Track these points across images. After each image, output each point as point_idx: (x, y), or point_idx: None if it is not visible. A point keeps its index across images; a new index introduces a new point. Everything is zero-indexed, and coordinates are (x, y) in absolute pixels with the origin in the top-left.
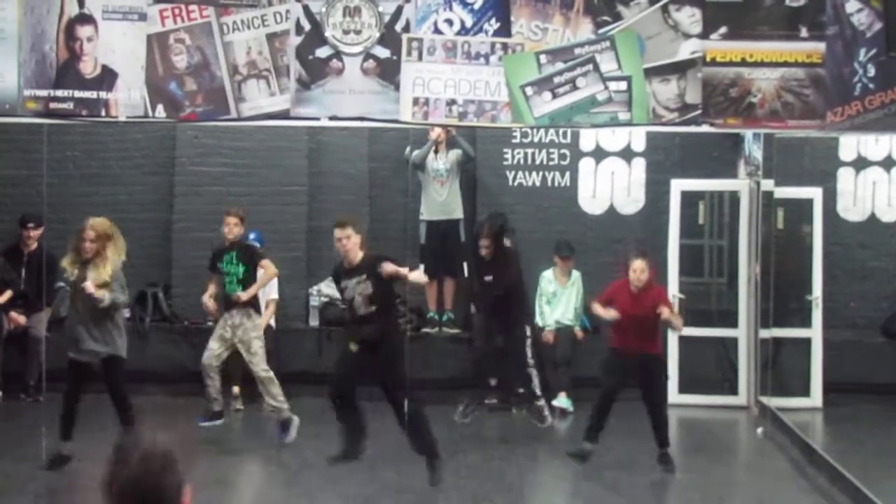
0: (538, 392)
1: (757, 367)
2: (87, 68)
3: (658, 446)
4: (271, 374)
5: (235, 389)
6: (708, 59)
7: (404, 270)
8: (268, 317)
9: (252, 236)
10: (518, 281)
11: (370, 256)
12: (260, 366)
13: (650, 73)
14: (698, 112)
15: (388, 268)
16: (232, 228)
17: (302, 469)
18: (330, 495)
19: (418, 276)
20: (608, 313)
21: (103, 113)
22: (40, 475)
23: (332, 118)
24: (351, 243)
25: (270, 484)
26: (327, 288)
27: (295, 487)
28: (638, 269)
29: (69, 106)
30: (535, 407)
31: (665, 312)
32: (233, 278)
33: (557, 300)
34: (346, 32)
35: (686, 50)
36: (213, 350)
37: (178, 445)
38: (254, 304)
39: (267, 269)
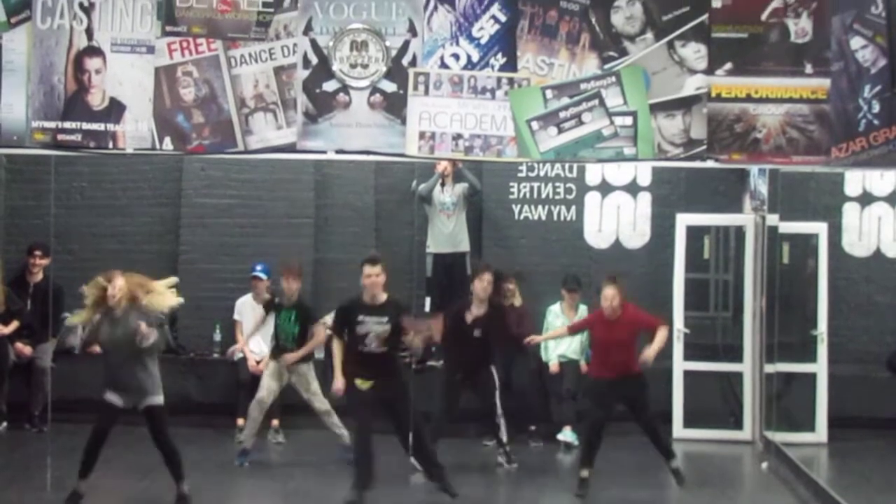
0: (504, 440)
1: (762, 402)
2: (95, 100)
3: (666, 460)
4: (328, 405)
5: (275, 423)
6: (713, 94)
7: (429, 330)
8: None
9: (259, 268)
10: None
11: (394, 300)
12: (321, 401)
13: (655, 108)
14: (703, 147)
15: (413, 325)
16: (292, 285)
17: None
18: None
19: (437, 334)
20: (555, 333)
21: (111, 145)
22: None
23: (338, 151)
24: (380, 281)
25: None
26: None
27: None
28: (609, 297)
29: (77, 137)
30: (502, 453)
31: (649, 359)
32: (288, 336)
33: None
34: (353, 66)
35: (691, 85)
36: (273, 389)
37: None
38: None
39: (317, 335)
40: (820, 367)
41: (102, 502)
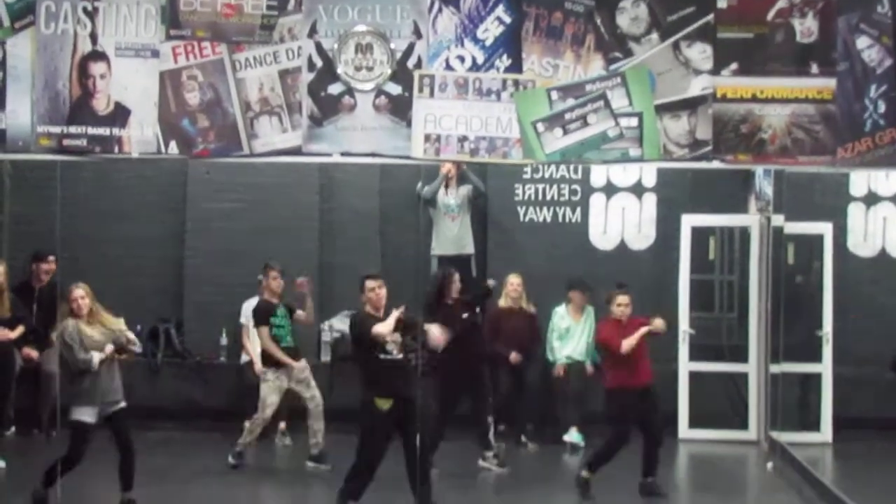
0: (493, 444)
1: (767, 402)
2: (100, 105)
3: (647, 475)
4: (322, 409)
5: (283, 426)
6: (719, 95)
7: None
8: None
9: None
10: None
11: (392, 310)
12: (318, 403)
13: (661, 109)
14: (709, 148)
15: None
16: (280, 283)
17: None
18: None
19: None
20: (638, 333)
21: (116, 150)
22: None
23: (343, 154)
24: (383, 293)
25: None
26: (339, 323)
27: None
28: (623, 304)
29: (82, 143)
30: (487, 457)
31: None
32: (285, 332)
33: (570, 336)
34: (357, 69)
35: (697, 86)
36: (274, 403)
37: None
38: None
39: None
40: (825, 368)
41: None
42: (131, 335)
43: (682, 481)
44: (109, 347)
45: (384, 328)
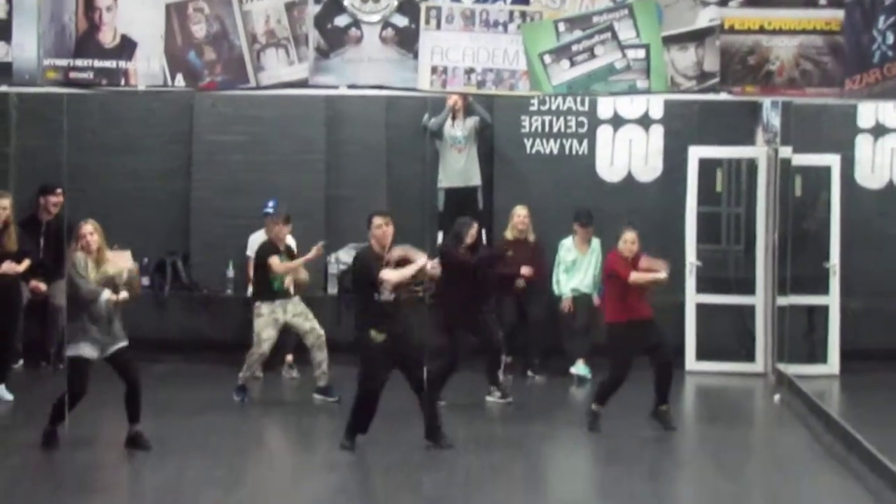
0: (501, 380)
1: (774, 335)
2: (107, 38)
3: (661, 403)
4: (324, 340)
5: (289, 358)
6: (726, 27)
7: (420, 261)
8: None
9: (271, 204)
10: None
11: (397, 248)
12: (319, 334)
13: (668, 41)
14: (716, 80)
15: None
16: (283, 229)
17: None
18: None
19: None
20: (656, 267)
21: (123, 82)
22: (65, 440)
23: (350, 87)
24: (390, 231)
25: None
26: (346, 256)
27: None
28: (629, 241)
29: (89, 76)
30: (494, 392)
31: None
32: (280, 277)
33: (576, 268)
34: (364, 1)
35: (704, 18)
36: (272, 337)
37: None
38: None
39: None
40: (832, 300)
41: (110, 441)
42: (136, 279)
43: (689, 413)
44: (123, 295)
45: (394, 277)
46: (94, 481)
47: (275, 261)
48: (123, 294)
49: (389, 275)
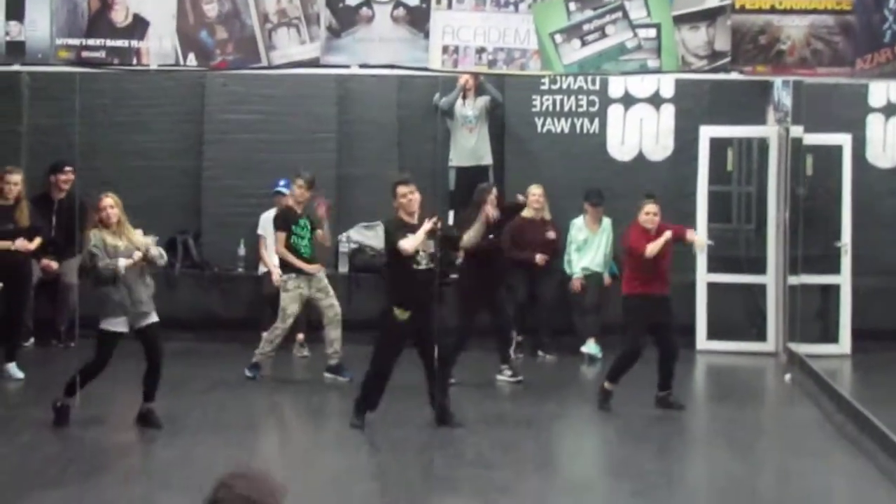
0: (511, 358)
1: (785, 314)
2: (119, 17)
3: (663, 389)
4: (340, 318)
5: (300, 337)
6: (737, 6)
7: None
8: None
9: (282, 183)
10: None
11: (427, 215)
12: (337, 311)
13: (679, 20)
14: (727, 59)
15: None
16: (304, 193)
17: None
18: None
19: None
20: (663, 238)
21: (135, 62)
22: (76, 418)
23: (361, 66)
24: (417, 198)
25: None
26: (357, 234)
27: None
28: (651, 212)
29: (101, 55)
30: (504, 371)
31: (690, 234)
32: (305, 242)
33: (587, 247)
34: None
35: None
36: (295, 312)
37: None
38: None
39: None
40: (844, 279)
41: (122, 419)
42: (158, 250)
43: (700, 392)
44: (137, 254)
45: (410, 244)
46: (105, 459)
47: (280, 238)
48: (137, 254)
49: (406, 243)
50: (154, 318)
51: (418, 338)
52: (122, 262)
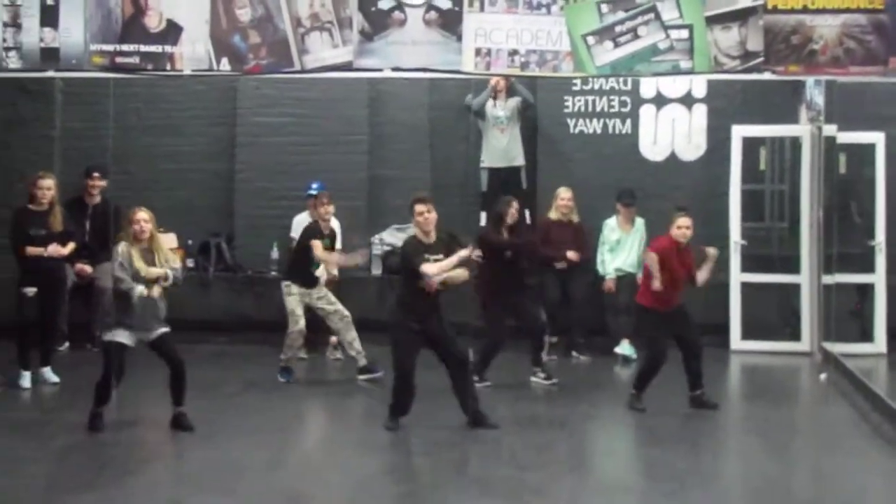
0: (544, 358)
1: (820, 313)
2: (152, 23)
3: (694, 389)
4: (350, 319)
5: (333, 339)
6: (769, 6)
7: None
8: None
9: (315, 186)
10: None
11: (443, 236)
12: (344, 314)
13: (711, 21)
14: (760, 59)
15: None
16: (329, 209)
17: None
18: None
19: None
20: (656, 274)
21: (168, 67)
22: (110, 422)
23: (394, 69)
24: (433, 217)
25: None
26: (390, 237)
27: None
28: (684, 226)
29: (135, 60)
30: (537, 373)
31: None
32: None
33: (620, 248)
34: None
35: None
36: (302, 312)
37: None
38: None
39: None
40: (878, 278)
41: (155, 422)
42: (175, 275)
43: (734, 392)
44: (156, 290)
45: (434, 270)
46: (138, 462)
47: (317, 244)
48: (156, 289)
49: (429, 268)
50: (162, 329)
51: (433, 344)
52: (138, 291)
